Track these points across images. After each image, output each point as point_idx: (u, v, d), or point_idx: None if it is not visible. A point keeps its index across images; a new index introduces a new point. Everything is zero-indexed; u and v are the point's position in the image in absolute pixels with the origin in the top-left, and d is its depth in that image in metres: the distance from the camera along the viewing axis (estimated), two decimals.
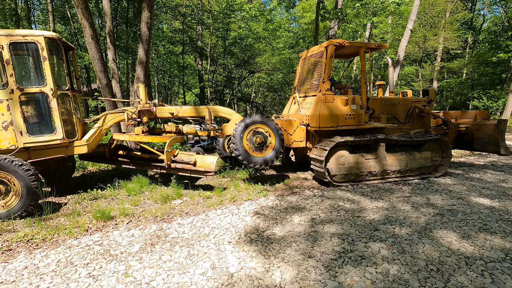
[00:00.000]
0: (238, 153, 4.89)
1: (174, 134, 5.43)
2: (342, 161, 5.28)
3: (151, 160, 5.46)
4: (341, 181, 5.38)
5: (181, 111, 5.33)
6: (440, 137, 5.79)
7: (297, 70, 6.80)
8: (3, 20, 15.99)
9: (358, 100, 5.63)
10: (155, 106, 5.18)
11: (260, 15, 17.40)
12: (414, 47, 22.01)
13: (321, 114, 5.37)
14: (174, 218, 3.95)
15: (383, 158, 5.49)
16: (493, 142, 6.28)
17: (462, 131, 6.80)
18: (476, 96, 21.10)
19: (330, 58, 5.48)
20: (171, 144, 4.96)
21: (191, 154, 5.20)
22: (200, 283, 2.46)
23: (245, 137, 4.94)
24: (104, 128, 5.08)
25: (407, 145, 5.82)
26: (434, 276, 2.53)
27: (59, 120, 4.36)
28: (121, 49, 15.48)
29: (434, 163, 5.89)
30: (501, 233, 3.32)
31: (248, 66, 18.29)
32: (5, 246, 3.17)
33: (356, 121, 5.54)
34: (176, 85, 27.94)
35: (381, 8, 13.12)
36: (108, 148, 5.54)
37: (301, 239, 3.25)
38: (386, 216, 3.89)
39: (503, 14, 23.62)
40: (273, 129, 5.09)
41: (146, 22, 7.33)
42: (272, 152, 5.10)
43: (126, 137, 5.20)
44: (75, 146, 4.69)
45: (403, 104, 6.38)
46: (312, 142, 5.86)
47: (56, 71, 4.76)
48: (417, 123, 6.48)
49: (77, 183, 5.71)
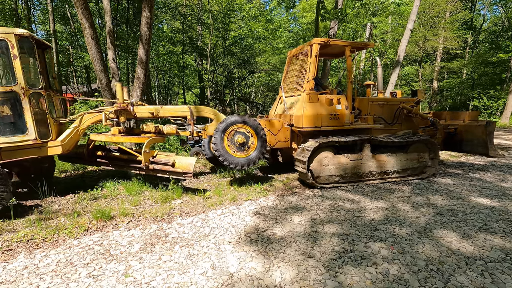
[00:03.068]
0: (218, 154, 4.80)
1: (154, 134, 5.29)
2: (326, 162, 5.16)
3: (130, 161, 5.28)
4: (325, 182, 5.25)
5: (161, 111, 5.21)
6: (427, 138, 5.69)
7: (284, 69, 6.68)
8: (3, 20, 16.00)
9: (344, 100, 5.51)
10: (132, 105, 5.01)
11: (260, 15, 17.41)
12: (414, 47, 22.02)
13: (304, 114, 5.24)
14: (174, 218, 3.95)
15: (369, 159, 5.39)
16: (481, 144, 6.22)
17: (451, 133, 6.74)
18: (476, 96, 21.09)
19: (315, 57, 5.37)
20: (150, 144, 4.83)
21: (170, 155, 5.02)
22: (200, 283, 2.46)
23: (226, 137, 4.85)
24: (81, 129, 4.90)
25: (394, 146, 5.71)
26: (434, 276, 2.53)
27: (31, 120, 4.19)
28: (121, 49, 15.49)
29: (422, 164, 5.79)
30: (501, 233, 3.32)
31: (248, 66, 18.30)
32: (5, 246, 3.17)
33: (341, 122, 5.42)
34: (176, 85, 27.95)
35: (381, 8, 13.13)
36: (87, 149, 5.39)
37: (301, 239, 3.25)
38: (386, 216, 3.89)
39: (503, 14, 23.61)
40: (255, 129, 4.99)
41: (146, 22, 7.33)
42: (254, 152, 5.02)
43: (103, 137, 5.06)
44: (49, 147, 4.50)
45: (391, 105, 6.28)
46: (297, 143, 5.71)
47: (30, 70, 4.61)
48: (406, 124, 6.38)
49: (77, 183, 5.71)
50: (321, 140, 5.07)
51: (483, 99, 20.00)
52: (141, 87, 7.51)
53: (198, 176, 6.31)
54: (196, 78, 22.38)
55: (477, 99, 20.72)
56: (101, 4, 15.41)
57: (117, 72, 9.00)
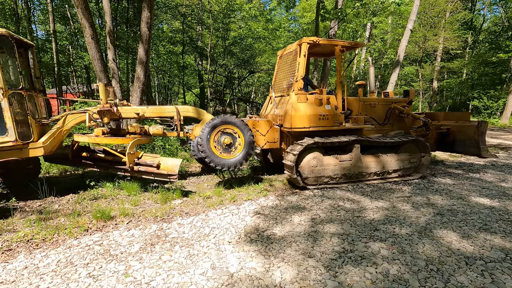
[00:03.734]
0: (204, 155, 4.71)
1: (139, 135, 5.21)
2: (314, 163, 5.07)
3: (115, 162, 5.18)
4: (314, 184, 5.17)
5: (147, 112, 5.14)
6: (418, 138, 5.64)
7: (275, 68, 6.58)
8: (3, 20, 16.01)
9: (333, 100, 5.43)
10: (115, 106, 4.91)
11: (260, 15, 17.41)
12: (414, 47, 22.03)
13: (293, 114, 5.17)
14: (174, 218, 3.95)
15: (359, 160, 5.31)
16: (473, 145, 6.16)
17: (444, 133, 6.69)
18: (476, 96, 21.10)
19: (304, 56, 5.31)
20: (134, 145, 4.75)
21: (155, 156, 4.91)
22: (200, 283, 2.46)
23: (212, 138, 4.78)
24: (65, 129, 4.80)
25: (385, 147, 5.64)
26: (434, 276, 2.53)
27: (11, 121, 4.10)
28: (121, 49, 15.49)
29: (413, 164, 5.74)
30: (501, 233, 3.32)
31: (248, 66, 18.31)
32: (5, 246, 3.17)
33: (331, 122, 5.33)
34: (176, 85, 27.96)
35: (381, 8, 13.14)
36: (71, 150, 5.27)
37: (301, 239, 3.25)
38: (386, 216, 3.89)
39: (503, 14, 23.62)
40: (242, 130, 4.91)
41: (146, 22, 7.33)
42: (241, 153, 4.93)
43: (85, 138, 4.95)
44: (30, 148, 4.41)
45: (382, 105, 6.21)
46: (287, 143, 5.62)
47: (9, 70, 4.53)
48: (397, 124, 6.32)
49: (77, 183, 5.70)
50: (307, 141, 4.98)
51: (483, 99, 20.00)
52: (141, 87, 7.51)
53: (199, 176, 6.31)
54: (196, 78, 22.39)
55: (477, 99, 20.73)
56: (101, 4, 15.42)
57: (117, 72, 8.99)
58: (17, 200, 4.50)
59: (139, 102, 7.33)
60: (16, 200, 4.44)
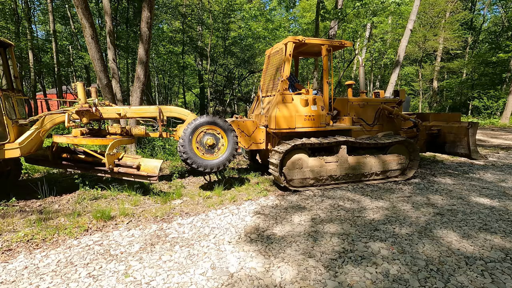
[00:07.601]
0: (186, 157, 4.59)
1: (120, 136, 5.13)
2: (299, 164, 4.98)
3: (95, 163, 5.05)
4: (299, 185, 5.10)
5: (129, 112, 5.07)
6: (407, 139, 5.55)
7: (263, 68, 6.50)
8: (3, 20, 16.01)
9: (320, 100, 5.35)
10: (95, 106, 4.84)
11: (260, 15, 17.40)
12: (414, 47, 22.05)
13: (277, 115, 5.08)
14: (174, 218, 3.95)
15: (345, 161, 5.22)
16: (464, 146, 6.09)
17: (434, 134, 6.61)
18: (476, 96, 21.11)
19: (289, 55, 5.24)
20: (114, 146, 4.67)
21: (136, 157, 4.80)
22: (200, 283, 2.46)
23: (195, 139, 4.70)
24: (44, 130, 4.69)
25: (372, 148, 5.57)
26: (434, 276, 2.53)
27: None
28: (121, 49, 15.48)
29: (401, 166, 5.65)
30: (501, 233, 3.32)
31: (248, 66, 18.31)
32: (5, 246, 3.17)
33: (317, 123, 5.26)
34: (176, 85, 27.95)
35: (381, 8, 13.13)
36: (51, 151, 5.15)
37: (301, 239, 3.25)
38: (386, 216, 3.89)
39: (503, 14, 23.62)
40: (225, 130, 4.82)
41: (146, 22, 7.33)
42: (224, 154, 4.83)
43: (64, 139, 4.82)
44: (6, 150, 4.31)
45: (371, 105, 6.07)
46: (273, 144, 5.55)
47: None
48: (387, 125, 6.20)
49: (77, 183, 5.70)
50: (292, 142, 4.90)
51: (483, 99, 20.00)
52: (141, 87, 7.50)
53: (199, 176, 6.31)
54: (196, 78, 22.39)
55: (477, 99, 20.74)
56: (101, 4, 15.43)
57: (117, 72, 8.99)
58: (17, 200, 4.50)
59: (139, 102, 7.32)
60: (16, 200, 4.44)
